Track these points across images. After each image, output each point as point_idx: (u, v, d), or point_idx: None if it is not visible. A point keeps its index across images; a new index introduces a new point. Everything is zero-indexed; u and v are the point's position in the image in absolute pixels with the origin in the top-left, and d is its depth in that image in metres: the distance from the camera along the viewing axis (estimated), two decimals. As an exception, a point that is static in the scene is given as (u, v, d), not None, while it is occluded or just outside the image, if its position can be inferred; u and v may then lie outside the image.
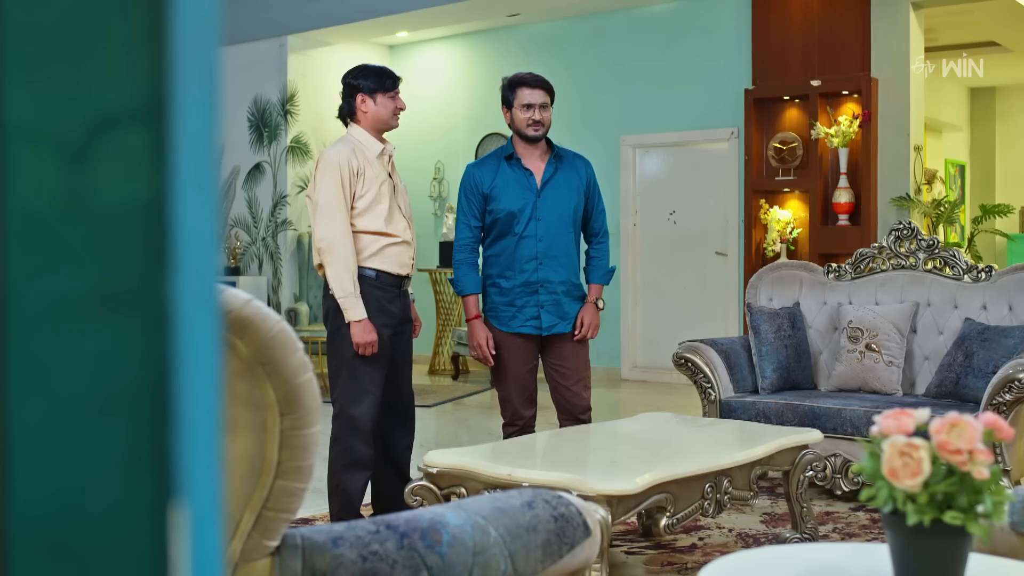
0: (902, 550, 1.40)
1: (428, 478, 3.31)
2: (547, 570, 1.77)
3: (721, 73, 8.85)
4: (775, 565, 1.62)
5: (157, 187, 0.42)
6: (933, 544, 1.37)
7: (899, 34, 7.94)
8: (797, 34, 8.35)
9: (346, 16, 9.77)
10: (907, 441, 1.35)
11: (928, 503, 1.33)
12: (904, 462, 1.33)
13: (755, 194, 8.44)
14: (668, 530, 3.26)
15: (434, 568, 1.63)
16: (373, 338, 3.89)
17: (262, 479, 1.51)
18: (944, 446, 1.34)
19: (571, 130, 9.80)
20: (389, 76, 4.06)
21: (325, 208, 3.88)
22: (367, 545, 1.60)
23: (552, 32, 9.93)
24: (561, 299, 4.27)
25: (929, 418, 1.44)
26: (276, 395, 1.49)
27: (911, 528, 1.35)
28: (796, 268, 5.60)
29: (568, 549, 1.79)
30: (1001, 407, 4.31)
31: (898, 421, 1.40)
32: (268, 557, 1.55)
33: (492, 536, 1.71)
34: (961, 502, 1.32)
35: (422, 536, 1.65)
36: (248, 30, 10.41)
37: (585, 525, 1.83)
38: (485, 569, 1.68)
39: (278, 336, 1.50)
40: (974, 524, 1.33)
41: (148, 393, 0.43)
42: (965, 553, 1.38)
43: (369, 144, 4.02)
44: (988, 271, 5.07)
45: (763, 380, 5.16)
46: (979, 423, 1.39)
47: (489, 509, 1.76)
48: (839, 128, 7.88)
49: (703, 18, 9.03)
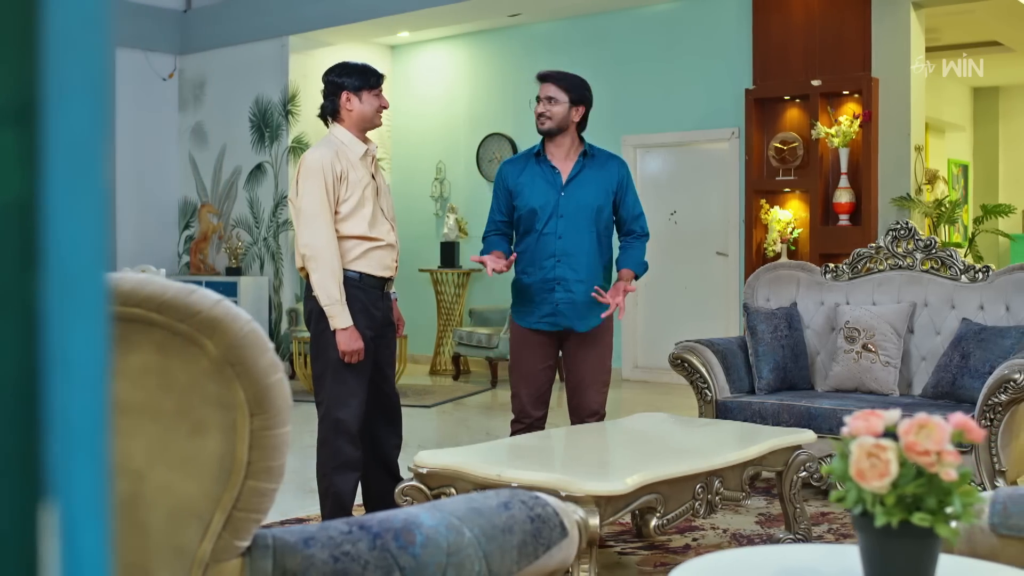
0: (872, 551, 1.39)
1: (418, 478, 3.31)
2: (523, 571, 1.77)
3: (722, 73, 8.84)
4: (746, 567, 1.61)
5: (28, 188, 0.42)
6: (902, 545, 1.36)
7: (900, 34, 7.92)
8: (798, 34, 8.33)
9: (347, 16, 9.78)
10: (875, 442, 1.34)
11: (896, 504, 1.32)
12: (872, 463, 1.32)
13: (756, 194, 8.42)
14: (658, 531, 3.25)
15: (407, 569, 1.63)
16: (359, 346, 3.87)
17: (232, 479, 1.51)
18: (912, 447, 1.33)
19: (572, 130, 9.80)
20: (373, 73, 4.03)
21: (309, 215, 3.83)
22: (339, 546, 1.60)
23: (553, 32, 9.93)
24: (577, 298, 4.18)
25: (899, 419, 1.43)
26: (246, 395, 1.49)
27: (880, 529, 1.34)
28: (793, 268, 5.59)
29: (544, 550, 1.79)
30: (996, 408, 4.30)
31: (867, 422, 1.40)
32: (239, 558, 1.55)
33: (466, 537, 1.70)
34: (930, 504, 1.32)
35: (395, 537, 1.65)
36: (249, 31, 10.43)
37: (562, 526, 1.83)
38: (459, 570, 1.68)
39: (248, 336, 1.49)
40: (943, 526, 1.32)
41: (16, 395, 0.43)
42: (934, 554, 1.38)
43: (352, 145, 3.98)
44: (985, 271, 5.06)
45: (760, 380, 5.16)
46: (948, 424, 1.38)
47: (464, 510, 1.76)
48: (840, 128, 7.86)
49: (704, 18, 9.02)
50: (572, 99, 4.14)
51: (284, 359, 10.04)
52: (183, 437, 1.50)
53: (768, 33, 8.48)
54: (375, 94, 4.01)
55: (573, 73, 4.33)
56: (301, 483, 5.24)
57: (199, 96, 10.90)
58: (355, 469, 4.00)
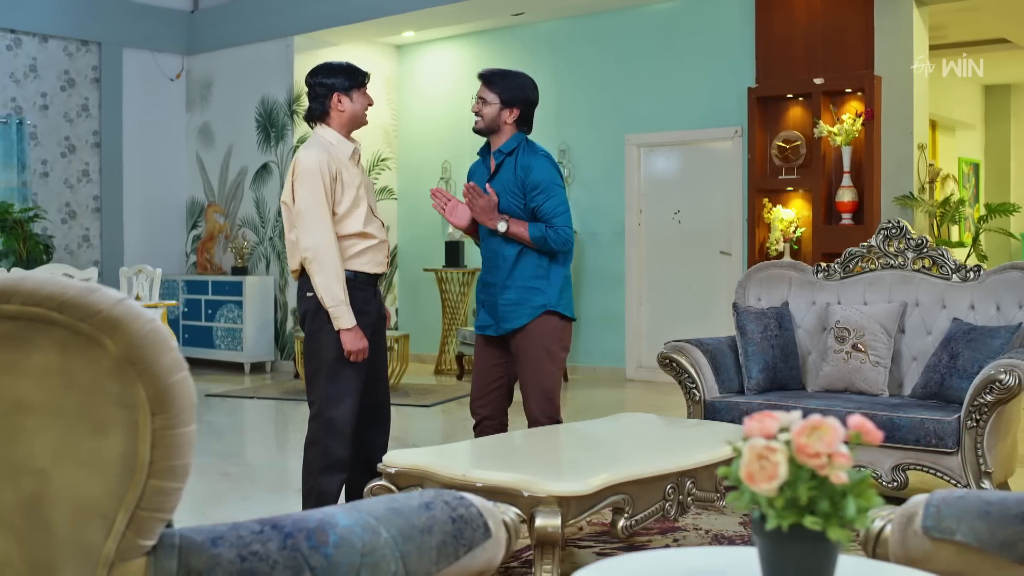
0: (768, 555, 1.37)
1: (387, 478, 3.30)
2: (443, 571, 1.76)
3: (725, 71, 8.81)
4: (648, 570, 1.60)
5: None
6: (796, 549, 1.34)
7: (903, 31, 7.87)
8: (800, 32, 8.28)
9: (351, 16, 9.80)
10: (765, 444, 1.32)
11: (786, 507, 1.30)
12: (761, 465, 1.30)
13: (758, 193, 8.38)
14: (625, 531, 3.23)
15: (318, 569, 1.62)
16: (364, 345, 3.90)
17: (135, 478, 1.51)
18: (803, 449, 1.31)
19: (577, 129, 9.80)
20: (360, 72, 4.03)
21: (310, 217, 3.84)
22: (248, 545, 1.60)
23: (557, 31, 9.91)
24: (497, 301, 4.13)
25: (797, 420, 1.41)
26: (147, 394, 1.49)
27: (774, 533, 1.32)
28: (785, 268, 5.55)
29: (466, 550, 1.78)
30: (983, 408, 4.25)
31: (761, 423, 1.38)
32: (144, 556, 1.55)
33: (383, 537, 1.70)
34: (823, 507, 1.30)
35: (308, 537, 1.64)
36: (255, 31, 10.46)
37: (486, 526, 1.82)
38: (374, 570, 1.67)
39: (149, 335, 1.49)
40: (835, 529, 1.30)
41: None
42: (831, 558, 1.35)
43: (340, 145, 3.99)
44: (976, 271, 5.01)
45: (749, 381, 5.12)
46: (841, 426, 1.36)
47: (384, 510, 1.75)
48: (842, 126, 7.81)
49: (707, 16, 8.99)
50: (504, 100, 4.08)
51: (288, 358, 10.07)
52: (86, 436, 1.50)
53: (771, 31, 8.44)
54: (364, 92, 4.02)
55: (517, 72, 4.25)
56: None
57: (206, 96, 10.94)
58: (343, 470, 4.00)
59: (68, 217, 10.25)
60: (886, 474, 4.53)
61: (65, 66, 10.16)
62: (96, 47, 10.36)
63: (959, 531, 1.83)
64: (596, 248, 9.72)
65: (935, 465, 4.43)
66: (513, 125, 4.12)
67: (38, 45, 9.97)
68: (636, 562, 1.73)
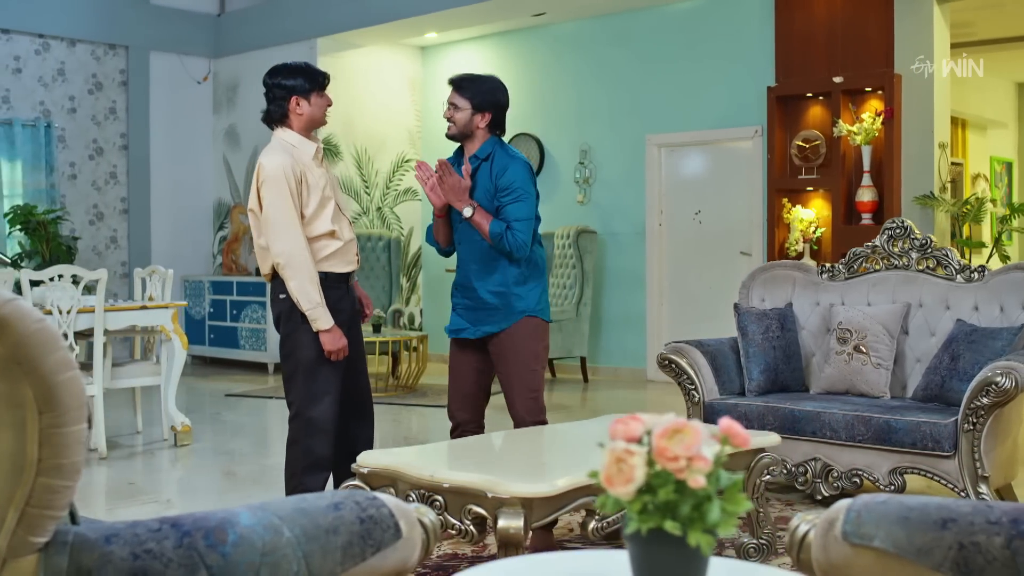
0: (636, 559, 1.35)
1: (360, 478, 3.30)
2: (350, 571, 1.76)
3: (745, 70, 8.74)
4: (529, 573, 1.58)
5: None
6: (662, 553, 1.32)
7: (923, 29, 7.75)
8: (820, 30, 8.20)
9: (372, 18, 9.84)
10: (625, 447, 1.31)
11: (646, 511, 1.28)
12: (619, 468, 1.29)
13: (778, 193, 8.30)
14: (596, 534, 3.21)
15: (214, 567, 1.63)
16: (343, 344, 3.92)
17: (24, 477, 1.52)
18: (662, 452, 1.29)
19: (597, 130, 9.77)
20: (320, 73, 4.01)
21: (279, 223, 3.85)
22: (143, 543, 1.60)
23: (579, 32, 9.89)
24: (477, 305, 4.09)
25: (661, 423, 1.39)
26: (34, 393, 1.50)
27: (640, 536, 1.30)
28: (789, 268, 5.50)
29: (374, 551, 1.78)
30: (979, 411, 4.18)
31: (626, 426, 1.36)
32: (35, 553, 1.56)
33: (285, 536, 1.70)
34: (684, 511, 1.28)
35: (206, 535, 1.65)
36: (280, 34, 10.54)
37: (397, 527, 1.81)
38: (275, 569, 1.67)
39: (35, 335, 1.51)
40: (697, 534, 1.28)
41: None
42: (696, 563, 1.33)
43: (302, 146, 3.99)
44: (981, 271, 4.92)
45: (750, 382, 5.07)
46: (705, 429, 1.34)
47: (290, 510, 1.75)
48: (862, 125, 7.72)
49: (727, 15, 8.92)
50: (475, 105, 4.04)
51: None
52: (-24, 434, 1.51)
53: (791, 30, 8.35)
54: (322, 95, 4.01)
55: (487, 76, 4.22)
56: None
57: (232, 99, 11.04)
58: (325, 469, 4.02)
59: (96, 219, 10.39)
60: (883, 478, 4.47)
61: (93, 70, 10.30)
62: (123, 51, 10.50)
63: (877, 537, 1.80)
64: (617, 248, 9.68)
65: (932, 469, 4.36)
66: (486, 130, 4.09)
67: (66, 49, 10.12)
68: (515, 566, 1.71)
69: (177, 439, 6.33)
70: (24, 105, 9.83)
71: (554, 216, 9.99)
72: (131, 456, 6.15)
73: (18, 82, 9.80)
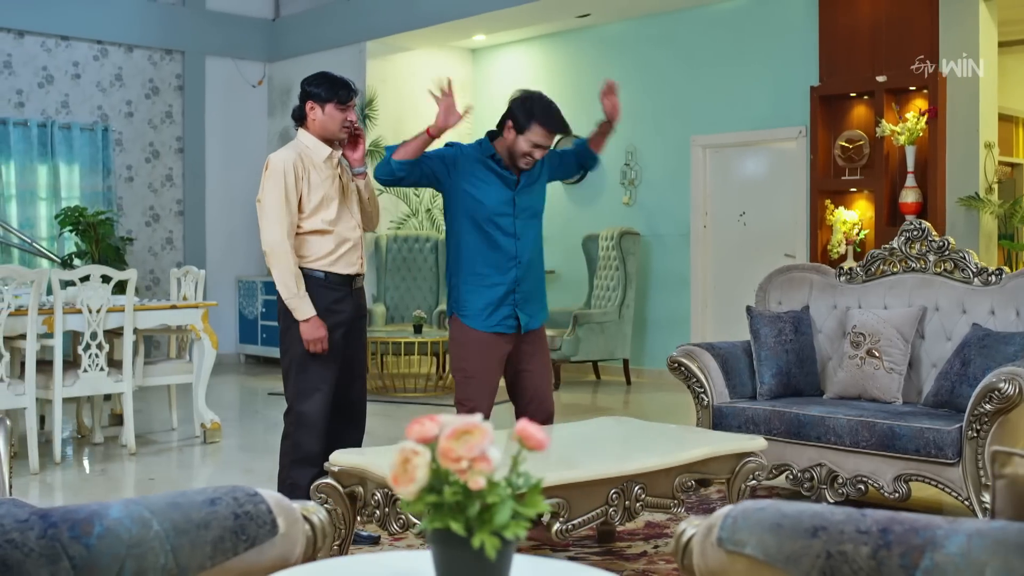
0: (435, 557, 1.35)
1: (332, 476, 3.36)
2: (221, 565, 1.79)
3: (789, 70, 8.62)
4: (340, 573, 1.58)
5: None
6: (454, 553, 1.32)
7: (968, 27, 7.56)
8: (864, 28, 8.05)
9: (418, 21, 9.93)
10: (412, 447, 1.31)
11: (433, 511, 1.28)
12: (405, 468, 1.29)
13: (821, 194, 8.16)
14: (561, 535, 3.21)
15: (76, 559, 1.67)
16: (322, 334, 3.98)
17: None
18: (446, 453, 1.29)
19: (642, 131, 9.72)
20: (344, 87, 4.09)
21: (269, 214, 3.98)
22: (6, 533, 1.65)
23: (624, 33, 9.85)
24: (532, 296, 4.27)
25: (451, 424, 1.39)
26: None
27: (436, 536, 1.31)
28: (807, 271, 5.42)
29: (247, 546, 1.80)
30: (983, 418, 4.07)
31: (421, 426, 1.36)
32: None
33: (154, 530, 1.74)
34: (471, 512, 1.28)
35: (72, 527, 1.69)
36: (331, 38, 10.68)
37: (273, 524, 1.84)
38: (140, 561, 1.71)
39: None
40: (482, 535, 1.27)
41: None
42: (483, 564, 1.32)
43: (316, 148, 4.09)
44: (998, 274, 4.79)
45: (762, 386, 5.00)
46: (491, 431, 1.33)
47: (164, 504, 1.79)
48: (905, 125, 7.55)
49: (771, 14, 8.81)
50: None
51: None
52: None
53: (834, 28, 8.21)
54: (340, 108, 4.07)
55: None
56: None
57: (286, 102, 11.21)
58: (314, 464, 4.07)
59: (152, 220, 10.65)
60: (887, 485, 4.38)
61: (150, 75, 10.56)
62: (180, 56, 10.74)
63: (749, 544, 1.77)
64: (662, 250, 9.62)
65: (936, 476, 4.26)
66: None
67: (124, 55, 10.39)
68: (329, 568, 1.71)
69: (206, 436, 6.46)
70: (82, 110, 10.12)
71: (600, 218, 9.97)
72: (159, 452, 6.29)
73: (77, 87, 10.10)
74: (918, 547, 1.65)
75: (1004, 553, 1.60)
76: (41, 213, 9.70)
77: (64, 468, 5.77)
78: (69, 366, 5.92)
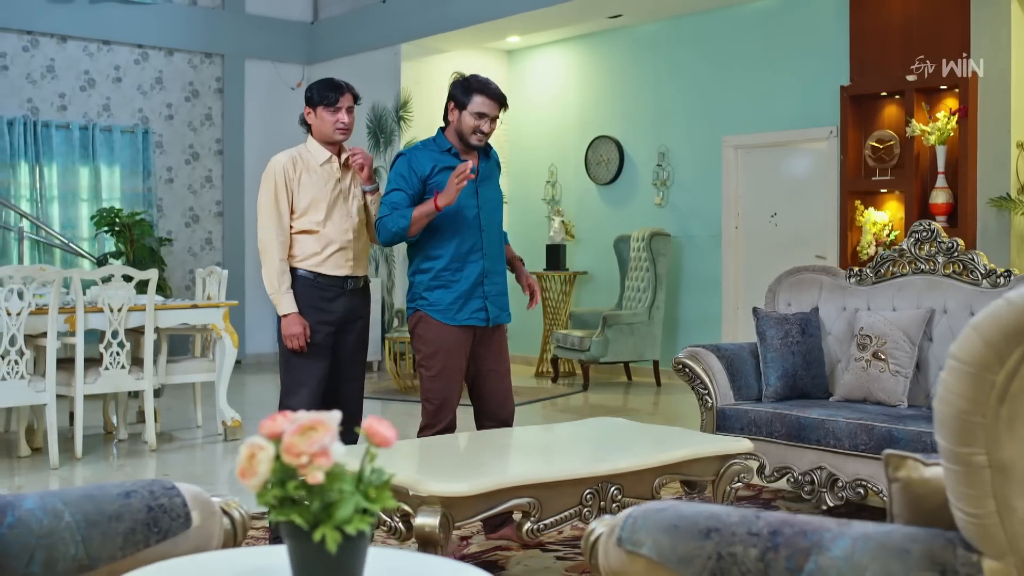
0: (289, 550, 1.38)
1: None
2: (134, 556, 1.84)
3: (819, 69, 8.54)
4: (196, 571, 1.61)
5: None
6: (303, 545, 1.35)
7: (1000, 26, 7.42)
8: (895, 26, 7.94)
9: (451, 23, 9.98)
10: (257, 442, 1.34)
11: (277, 504, 1.32)
12: (251, 463, 1.33)
13: (851, 195, 8.07)
14: (531, 535, 3.23)
15: (-15, 548, 1.73)
16: (297, 331, 4.07)
17: None
18: (289, 449, 1.32)
19: (674, 131, 9.68)
20: (332, 89, 4.15)
21: (262, 215, 4.16)
22: (-81, 525, 1.72)
23: (656, 33, 9.83)
24: (498, 290, 4.28)
25: (299, 420, 1.42)
26: None
27: (286, 529, 1.34)
28: (817, 272, 5.37)
29: (160, 539, 1.86)
30: (980, 423, 4.00)
31: (273, 422, 1.40)
32: None
33: (65, 521, 1.79)
34: (314, 506, 1.31)
35: (-17, 518, 1.75)
36: (367, 40, 10.79)
37: (187, 517, 1.89)
38: (51, 551, 1.77)
39: None
40: (324, 530, 1.30)
41: None
42: (330, 557, 1.34)
43: (316, 152, 4.18)
44: (1007, 276, 4.71)
45: (767, 388, 4.97)
46: (335, 427, 1.36)
47: (78, 496, 1.85)
48: (935, 125, 7.44)
49: (802, 13, 8.73)
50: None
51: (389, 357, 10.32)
52: None
53: (865, 27, 8.12)
54: (331, 111, 4.13)
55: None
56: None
57: (323, 104, 11.34)
58: None
59: (191, 221, 10.84)
60: (886, 489, 4.31)
61: (190, 78, 10.75)
62: (219, 59, 10.92)
63: (646, 544, 1.78)
64: (693, 251, 9.58)
65: (935, 481, 4.19)
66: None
67: (164, 59, 10.59)
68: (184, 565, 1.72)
69: (227, 433, 6.57)
70: (123, 112, 10.33)
71: (632, 218, 9.95)
72: (180, 449, 6.41)
73: (118, 91, 10.31)
74: (804, 550, 1.66)
75: (885, 557, 1.60)
76: (82, 214, 9.92)
77: (84, 463, 5.91)
78: (92, 364, 6.07)
